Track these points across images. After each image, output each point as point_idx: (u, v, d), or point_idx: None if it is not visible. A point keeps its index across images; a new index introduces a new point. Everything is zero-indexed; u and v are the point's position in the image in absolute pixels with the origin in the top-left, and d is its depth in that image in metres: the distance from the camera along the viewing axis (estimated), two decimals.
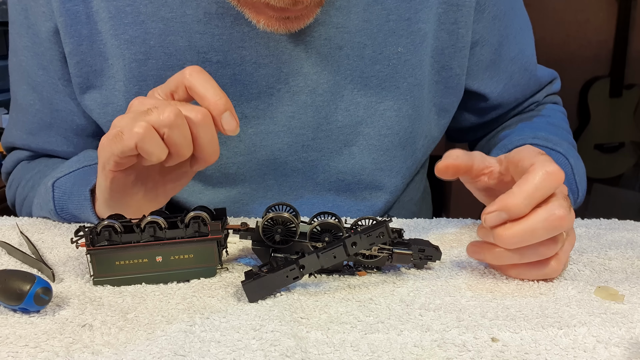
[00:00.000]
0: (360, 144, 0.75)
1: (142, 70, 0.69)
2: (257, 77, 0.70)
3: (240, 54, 0.68)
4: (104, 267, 0.53)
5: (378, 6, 0.69)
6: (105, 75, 0.71)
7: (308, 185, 0.77)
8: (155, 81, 0.69)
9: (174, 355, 0.42)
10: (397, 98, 0.73)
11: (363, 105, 0.73)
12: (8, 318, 0.47)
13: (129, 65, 0.69)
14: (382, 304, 0.50)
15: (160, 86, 0.57)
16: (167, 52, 0.68)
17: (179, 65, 0.68)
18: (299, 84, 0.71)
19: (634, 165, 2.47)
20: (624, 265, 0.58)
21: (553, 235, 0.50)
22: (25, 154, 0.82)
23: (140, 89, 0.70)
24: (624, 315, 0.48)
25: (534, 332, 0.45)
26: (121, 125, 0.53)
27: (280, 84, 0.70)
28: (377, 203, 0.79)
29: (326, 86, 0.71)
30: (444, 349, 0.43)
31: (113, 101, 0.71)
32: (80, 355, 0.42)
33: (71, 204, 0.68)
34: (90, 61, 0.70)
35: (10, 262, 0.59)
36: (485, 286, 0.53)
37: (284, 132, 0.73)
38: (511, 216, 0.50)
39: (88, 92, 0.72)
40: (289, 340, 0.44)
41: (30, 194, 0.77)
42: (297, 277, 0.51)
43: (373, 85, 0.72)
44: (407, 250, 0.55)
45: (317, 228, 0.54)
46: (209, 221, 0.53)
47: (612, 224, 0.71)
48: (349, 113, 0.73)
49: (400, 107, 0.73)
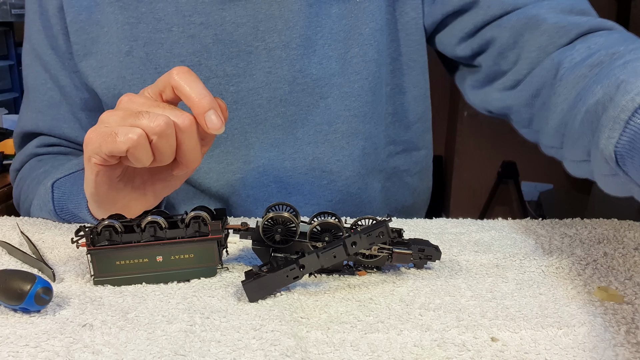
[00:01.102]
0: (334, 95, 0.78)
1: (133, 32, 0.75)
2: (237, 36, 0.75)
3: (221, 15, 0.74)
4: (105, 267, 0.53)
5: None
6: (100, 42, 0.77)
7: (289, 141, 0.79)
8: (144, 42, 0.75)
9: (174, 355, 0.42)
10: (362, 44, 0.77)
11: (335, 58, 0.77)
12: (8, 318, 0.47)
13: (122, 27, 0.75)
14: (382, 304, 0.50)
15: (150, 86, 0.57)
16: (156, 17, 0.75)
17: (167, 29, 0.75)
18: (274, 40, 0.75)
19: None
20: (624, 265, 0.58)
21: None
22: (33, 145, 0.83)
23: (130, 48, 0.75)
24: (624, 315, 0.48)
25: (534, 332, 0.45)
26: (110, 123, 0.53)
27: (257, 42, 0.75)
28: (354, 151, 0.80)
29: (299, 40, 0.75)
30: (443, 349, 0.43)
31: (107, 64, 0.77)
32: (80, 355, 0.42)
33: (70, 203, 0.69)
34: (88, 29, 0.77)
35: (11, 262, 0.59)
36: (485, 286, 0.54)
37: (262, 88, 0.76)
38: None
39: (85, 59, 0.78)
40: (289, 340, 0.44)
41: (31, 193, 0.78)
42: (297, 276, 0.51)
43: (341, 38, 0.76)
44: (407, 250, 0.55)
45: (317, 228, 0.54)
46: (209, 221, 0.53)
47: (612, 224, 0.71)
48: (322, 66, 0.77)
49: (365, 52, 0.77)
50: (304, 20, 0.75)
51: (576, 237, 0.66)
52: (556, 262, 0.59)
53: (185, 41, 0.75)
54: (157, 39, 0.75)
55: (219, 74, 0.75)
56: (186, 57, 0.75)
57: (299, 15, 0.75)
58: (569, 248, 0.63)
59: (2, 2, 1.51)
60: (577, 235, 0.67)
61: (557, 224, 0.71)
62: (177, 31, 0.75)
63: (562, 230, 0.69)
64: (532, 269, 0.57)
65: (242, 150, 0.79)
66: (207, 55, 0.75)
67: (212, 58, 0.75)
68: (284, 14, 0.75)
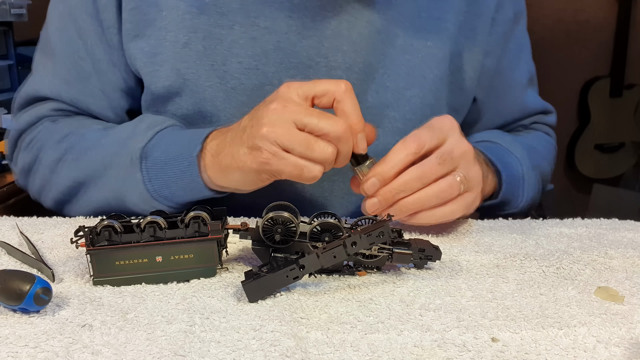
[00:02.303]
0: (386, 127, 0.77)
1: (194, 23, 0.72)
2: (300, 47, 0.73)
3: (287, 23, 0.72)
4: (104, 267, 0.53)
5: (412, 3, 0.75)
6: (156, 26, 0.72)
7: (337, 182, 0.78)
8: (204, 35, 0.72)
9: (174, 355, 0.42)
10: (423, 87, 0.77)
11: (391, 89, 0.76)
12: (8, 318, 0.47)
13: (182, 16, 0.72)
14: (382, 304, 0.50)
15: (302, 85, 0.59)
16: (219, 11, 0.72)
17: (229, 26, 0.72)
18: (337, 60, 0.74)
19: (634, 166, 2.47)
20: (624, 265, 0.58)
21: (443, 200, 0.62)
22: (48, 108, 0.78)
23: (189, 40, 0.72)
24: (624, 315, 0.48)
25: (534, 332, 0.45)
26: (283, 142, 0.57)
27: (319, 57, 0.74)
28: None
29: (361, 65, 0.75)
30: (444, 349, 0.43)
31: (161, 51, 0.73)
32: (80, 355, 0.42)
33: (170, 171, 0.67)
34: (145, 9, 0.72)
35: (10, 262, 0.59)
36: (485, 286, 0.53)
37: None
38: (382, 182, 0.60)
39: (136, 40, 0.73)
40: (289, 341, 0.44)
41: (67, 155, 0.74)
42: (297, 277, 0.51)
43: (402, 72, 0.76)
44: (407, 250, 0.55)
45: (317, 228, 0.54)
46: (209, 221, 0.53)
47: (612, 224, 0.71)
48: (378, 95, 0.76)
49: (425, 95, 0.77)
50: (370, 45, 0.74)
51: (576, 237, 0.66)
52: (556, 262, 0.59)
53: (246, 42, 0.72)
54: (217, 34, 0.72)
55: (274, 82, 0.72)
56: (244, 59, 0.73)
57: (366, 40, 0.74)
58: (569, 248, 0.63)
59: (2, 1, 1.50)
60: (577, 235, 0.67)
61: (557, 224, 0.71)
62: (239, 30, 0.72)
63: (562, 230, 0.69)
64: (533, 269, 0.57)
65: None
66: (265, 61, 0.72)
67: (270, 65, 0.73)
68: (351, 35, 0.73)
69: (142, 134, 0.69)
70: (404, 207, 0.62)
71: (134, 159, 0.68)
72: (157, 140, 0.69)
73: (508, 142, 0.82)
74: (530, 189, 0.81)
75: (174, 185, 0.67)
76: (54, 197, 0.76)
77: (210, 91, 0.73)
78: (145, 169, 0.67)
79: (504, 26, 0.81)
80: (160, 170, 0.67)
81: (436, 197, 0.62)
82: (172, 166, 0.66)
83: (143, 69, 0.74)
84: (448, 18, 0.77)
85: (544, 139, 0.92)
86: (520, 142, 0.83)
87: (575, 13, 2.35)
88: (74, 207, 0.76)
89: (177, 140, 0.68)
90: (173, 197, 0.67)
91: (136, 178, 0.67)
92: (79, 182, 0.73)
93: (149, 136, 0.69)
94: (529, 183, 0.81)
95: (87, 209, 0.75)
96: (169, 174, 0.66)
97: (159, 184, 0.67)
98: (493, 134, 0.85)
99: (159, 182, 0.67)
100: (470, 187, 0.64)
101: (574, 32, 2.36)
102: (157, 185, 0.67)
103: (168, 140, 0.69)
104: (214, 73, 0.73)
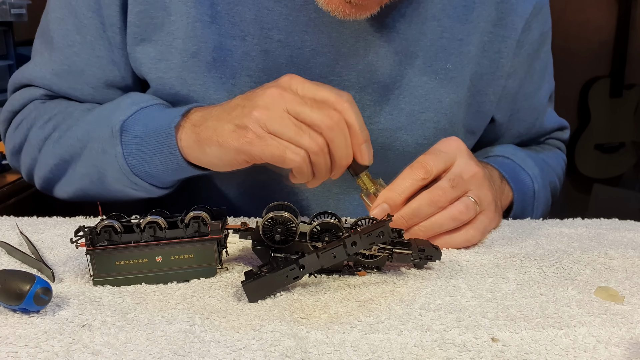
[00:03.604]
0: (397, 150, 0.76)
1: (204, 32, 0.69)
2: (313, 64, 0.71)
3: (301, 38, 0.70)
4: (104, 267, 0.53)
5: (435, 22, 0.73)
6: (164, 31, 0.70)
7: (337, 181, 0.77)
8: (214, 45, 0.70)
9: (174, 355, 0.42)
10: (438, 111, 0.75)
11: (406, 112, 0.74)
12: (8, 318, 0.47)
13: (193, 24, 0.69)
14: (382, 304, 0.50)
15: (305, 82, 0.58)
16: (232, 20, 0.69)
17: (241, 36, 0.69)
18: (351, 79, 0.72)
19: (634, 165, 2.47)
20: (624, 265, 0.58)
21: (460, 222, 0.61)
22: (40, 92, 0.77)
23: (198, 49, 0.70)
24: (624, 315, 0.48)
25: (534, 332, 0.45)
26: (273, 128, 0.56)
27: (332, 75, 0.72)
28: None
29: (376, 86, 0.73)
30: (444, 349, 0.43)
31: (167, 58, 0.71)
32: (80, 355, 0.42)
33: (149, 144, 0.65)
34: (153, 13, 0.70)
35: (10, 262, 0.59)
36: (485, 286, 0.53)
37: None
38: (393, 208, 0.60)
39: (142, 44, 0.71)
40: (289, 340, 0.44)
41: (54, 133, 0.73)
42: (297, 277, 0.51)
43: (418, 94, 0.74)
44: (407, 250, 0.55)
45: (317, 228, 0.54)
46: (209, 221, 0.53)
47: (612, 224, 0.71)
48: (391, 117, 0.74)
49: (439, 120, 0.75)
50: (387, 67, 0.72)
51: (576, 237, 0.66)
52: (556, 262, 0.59)
53: (258, 55, 0.70)
54: (228, 45, 0.70)
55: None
56: (254, 72, 0.71)
57: (383, 60, 0.72)
58: (569, 248, 0.63)
59: (2, 1, 1.50)
60: (577, 235, 0.67)
61: (557, 224, 0.71)
62: (251, 42, 0.70)
63: (562, 230, 0.69)
64: (533, 269, 0.57)
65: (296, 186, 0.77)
66: (276, 75, 0.66)
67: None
68: (368, 55, 0.71)
69: (126, 108, 0.67)
70: (420, 232, 0.61)
71: (114, 131, 0.65)
72: (140, 116, 0.66)
73: (521, 158, 0.81)
74: (541, 205, 0.80)
75: (154, 159, 0.64)
76: (42, 175, 0.76)
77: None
78: (125, 143, 0.65)
79: (529, 48, 0.79)
80: (141, 142, 0.65)
81: (452, 220, 0.61)
82: (150, 138, 0.64)
83: (148, 75, 0.72)
84: (471, 40, 0.74)
85: (557, 154, 0.91)
86: (533, 159, 0.82)
87: (575, 13, 2.34)
88: (62, 187, 0.75)
89: (160, 115, 0.66)
90: (154, 171, 0.65)
91: (117, 151, 0.65)
92: (65, 159, 0.72)
93: (132, 110, 0.67)
94: (540, 201, 0.80)
95: (71, 187, 0.74)
96: (148, 146, 0.64)
97: (139, 158, 0.65)
98: (507, 149, 0.84)
99: (139, 156, 0.65)
100: (482, 209, 0.63)
101: (574, 32, 2.36)
102: (137, 158, 0.65)
103: (151, 116, 0.66)
104: (222, 86, 0.71)
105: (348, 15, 0.63)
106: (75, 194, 0.74)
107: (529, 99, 0.84)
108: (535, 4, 0.77)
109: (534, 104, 0.86)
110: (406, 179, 0.61)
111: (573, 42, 2.37)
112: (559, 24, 2.35)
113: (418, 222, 0.60)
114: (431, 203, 0.60)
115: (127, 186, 0.67)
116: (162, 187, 0.68)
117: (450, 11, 0.73)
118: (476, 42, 0.75)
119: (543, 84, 0.86)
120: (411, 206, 0.60)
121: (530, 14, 0.76)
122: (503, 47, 0.76)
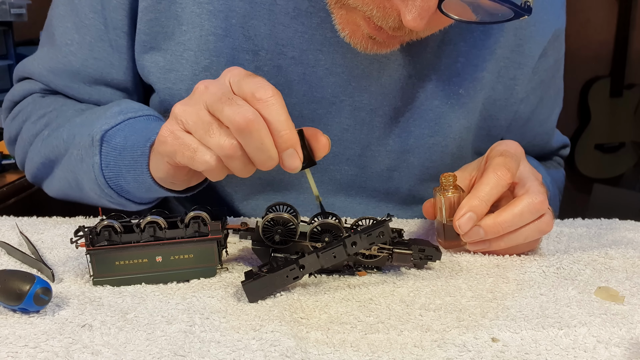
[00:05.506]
0: (402, 171, 0.76)
1: (217, 46, 0.68)
2: (326, 83, 0.70)
3: (315, 56, 0.69)
4: (104, 267, 0.53)
5: (451, 46, 0.72)
6: (174, 40, 0.68)
7: (339, 194, 0.78)
8: (227, 59, 0.68)
9: (174, 355, 0.42)
10: (447, 136, 0.74)
11: (415, 135, 0.74)
12: (8, 318, 0.47)
13: (206, 37, 0.67)
14: (382, 304, 0.50)
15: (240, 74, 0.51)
16: (246, 34, 0.68)
17: (254, 51, 0.68)
18: (363, 101, 0.71)
19: (635, 165, 2.47)
20: (625, 265, 0.58)
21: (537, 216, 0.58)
22: (39, 86, 0.76)
23: (210, 63, 0.68)
24: (624, 315, 0.48)
25: (534, 333, 0.45)
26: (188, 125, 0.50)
27: (344, 96, 0.71)
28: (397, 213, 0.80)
29: (387, 109, 0.72)
30: (444, 349, 0.43)
31: (177, 68, 0.69)
32: (79, 355, 0.42)
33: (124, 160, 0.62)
34: (164, 22, 0.68)
35: (10, 262, 0.59)
36: (486, 286, 0.53)
37: (334, 142, 0.72)
38: (479, 217, 0.57)
39: (150, 52, 0.69)
40: (289, 341, 0.44)
41: (44, 131, 0.71)
42: (297, 277, 0.51)
43: (428, 118, 0.73)
44: (407, 250, 0.55)
45: (317, 228, 0.54)
46: (209, 221, 0.53)
47: (612, 224, 0.71)
48: (400, 139, 0.74)
49: (447, 144, 0.75)
50: (399, 90, 0.71)
51: (576, 237, 0.66)
52: (556, 262, 0.59)
53: (270, 70, 0.69)
54: (240, 59, 0.68)
55: (295, 114, 0.69)
56: None
57: (396, 83, 0.71)
58: (569, 248, 0.63)
59: (2, 1, 1.50)
60: (577, 235, 0.67)
61: (557, 224, 0.71)
62: (264, 57, 0.68)
63: (562, 230, 0.69)
64: (533, 269, 0.57)
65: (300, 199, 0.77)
66: (287, 92, 0.68)
67: (293, 96, 0.69)
68: (381, 78, 0.70)
69: (112, 117, 0.64)
70: (509, 242, 0.59)
71: (95, 140, 0.62)
72: (123, 126, 0.63)
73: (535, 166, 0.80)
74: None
75: (128, 175, 0.61)
76: (31, 171, 0.76)
77: None
78: (104, 154, 0.62)
79: (543, 74, 0.79)
80: (119, 155, 0.61)
81: (539, 231, 0.59)
82: (127, 153, 0.61)
83: (157, 84, 0.71)
84: (486, 66, 0.73)
85: (558, 170, 0.92)
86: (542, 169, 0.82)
87: (575, 13, 2.34)
88: (47, 185, 0.75)
89: (143, 129, 0.62)
90: (129, 187, 0.62)
91: (94, 161, 0.62)
92: (50, 159, 0.71)
93: (117, 120, 0.63)
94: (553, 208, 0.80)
95: (55, 187, 0.73)
96: (124, 161, 0.61)
97: (115, 171, 0.62)
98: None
99: (116, 169, 0.62)
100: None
101: (574, 32, 2.36)
102: (114, 171, 0.62)
103: (134, 128, 0.63)
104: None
105: (370, 50, 0.62)
106: (58, 195, 0.74)
107: (543, 125, 0.84)
108: (554, 31, 0.76)
109: (546, 129, 0.86)
110: (493, 186, 0.58)
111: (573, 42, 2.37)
112: None
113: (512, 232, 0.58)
114: (535, 211, 0.58)
115: (103, 198, 0.65)
116: (138, 203, 0.66)
117: (468, 36, 0.72)
118: (491, 68, 0.74)
119: (554, 109, 0.86)
120: (514, 212, 0.57)
121: (548, 42, 0.76)
122: (519, 74, 0.76)
